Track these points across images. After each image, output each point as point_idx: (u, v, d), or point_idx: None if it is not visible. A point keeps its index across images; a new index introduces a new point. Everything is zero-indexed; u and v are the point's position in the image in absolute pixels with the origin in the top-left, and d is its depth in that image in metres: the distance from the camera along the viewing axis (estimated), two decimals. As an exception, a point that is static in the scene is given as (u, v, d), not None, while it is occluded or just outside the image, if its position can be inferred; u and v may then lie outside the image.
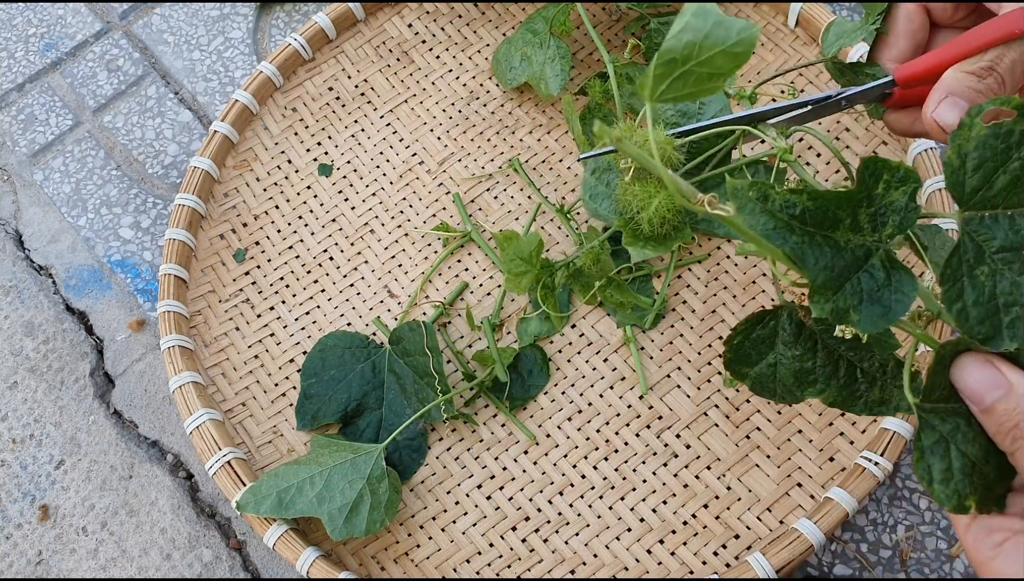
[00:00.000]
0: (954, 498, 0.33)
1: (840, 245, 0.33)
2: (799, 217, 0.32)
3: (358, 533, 0.52)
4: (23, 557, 0.62)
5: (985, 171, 0.33)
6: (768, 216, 0.32)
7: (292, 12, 0.80)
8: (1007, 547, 0.33)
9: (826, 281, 0.32)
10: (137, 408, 0.66)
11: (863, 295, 0.32)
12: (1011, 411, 0.32)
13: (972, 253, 0.33)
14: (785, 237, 0.32)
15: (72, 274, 0.71)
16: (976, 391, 0.33)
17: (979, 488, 0.34)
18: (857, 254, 0.33)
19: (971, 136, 0.32)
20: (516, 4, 0.73)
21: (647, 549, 0.55)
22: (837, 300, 0.32)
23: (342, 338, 0.61)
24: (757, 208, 0.32)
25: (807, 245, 0.32)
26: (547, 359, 0.60)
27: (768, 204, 0.32)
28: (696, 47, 0.31)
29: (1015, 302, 0.32)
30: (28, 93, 0.79)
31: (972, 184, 0.33)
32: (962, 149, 0.33)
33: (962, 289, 0.33)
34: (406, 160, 0.69)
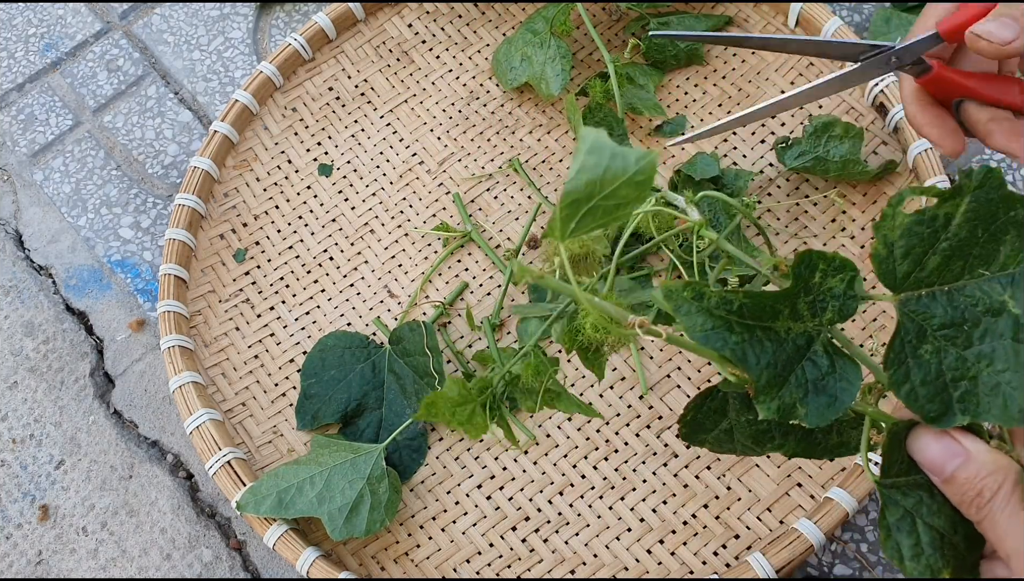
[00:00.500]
0: (927, 573, 0.33)
1: (781, 336, 0.32)
2: (737, 312, 0.32)
3: (358, 533, 0.52)
4: (23, 557, 0.62)
5: (914, 256, 0.33)
6: (705, 315, 0.31)
7: (292, 12, 0.80)
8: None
9: (770, 379, 0.32)
10: (137, 408, 0.66)
11: (808, 386, 0.32)
12: (972, 479, 0.32)
13: (913, 333, 0.33)
14: (725, 338, 0.31)
15: (72, 274, 0.71)
16: (935, 462, 0.33)
17: (951, 559, 0.33)
18: (799, 343, 0.33)
19: (895, 225, 0.32)
20: (516, 4, 0.73)
21: (647, 549, 0.55)
22: (783, 396, 0.32)
23: (342, 338, 0.61)
24: (693, 308, 0.31)
25: (747, 343, 0.32)
26: (547, 359, 0.60)
27: (704, 302, 0.32)
28: (597, 184, 0.30)
29: (963, 376, 0.32)
30: (28, 93, 0.79)
31: (903, 270, 0.33)
32: (887, 238, 0.33)
33: (908, 370, 0.32)
34: (406, 160, 0.69)
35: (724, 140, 0.67)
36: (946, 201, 0.32)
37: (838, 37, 0.61)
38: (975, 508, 0.32)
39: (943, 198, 0.32)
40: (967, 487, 0.32)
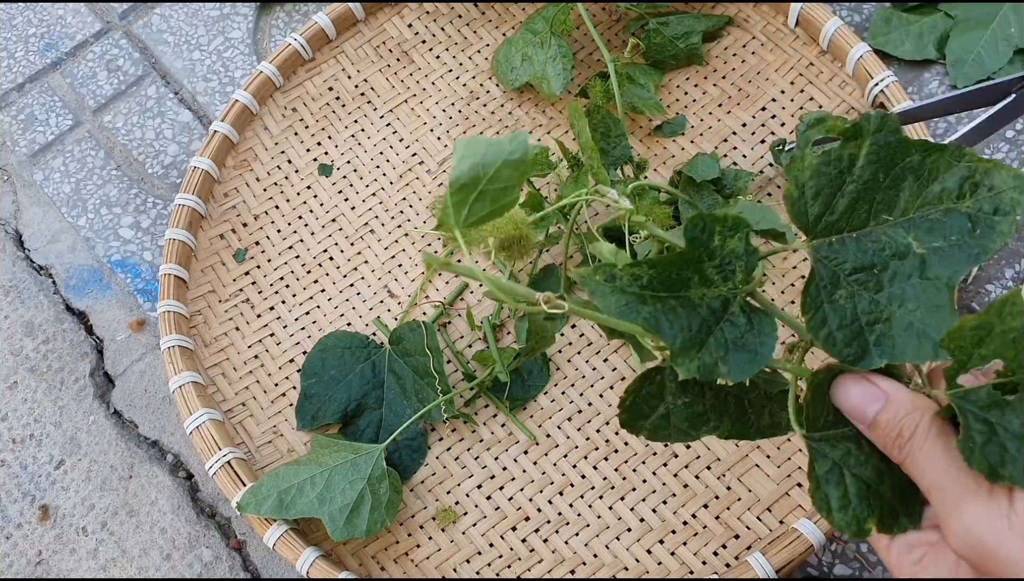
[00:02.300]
0: (853, 524, 0.34)
1: (695, 302, 0.33)
2: (649, 286, 0.32)
3: (359, 534, 0.52)
4: (23, 557, 0.62)
5: (824, 198, 0.33)
6: (619, 294, 0.32)
7: (292, 12, 0.80)
8: (926, 561, 0.33)
9: (685, 342, 0.32)
10: (137, 408, 0.66)
11: (728, 345, 0.33)
12: (892, 420, 0.32)
13: (827, 279, 0.34)
14: (638, 310, 0.32)
15: (72, 274, 0.71)
16: (856, 407, 0.33)
17: (876, 509, 0.34)
18: (714, 306, 0.33)
19: (804, 166, 0.33)
20: (516, 4, 0.73)
21: (647, 549, 0.55)
22: (703, 356, 0.32)
23: (342, 338, 0.61)
24: (607, 289, 0.32)
25: (660, 312, 0.32)
26: (547, 359, 0.60)
27: (616, 282, 0.32)
28: (479, 168, 0.33)
29: (877, 319, 0.33)
30: (28, 93, 0.79)
31: (814, 212, 0.34)
32: (798, 180, 0.33)
33: (824, 315, 0.33)
34: (406, 160, 0.69)
35: (724, 140, 0.67)
36: (849, 141, 0.33)
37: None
38: (897, 448, 0.33)
39: (846, 138, 0.33)
40: (888, 429, 0.33)
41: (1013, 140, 0.67)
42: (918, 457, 0.32)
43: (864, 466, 0.34)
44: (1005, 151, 0.67)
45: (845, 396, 0.34)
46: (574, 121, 0.59)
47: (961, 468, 0.31)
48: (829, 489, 0.34)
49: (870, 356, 0.33)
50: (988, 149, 0.67)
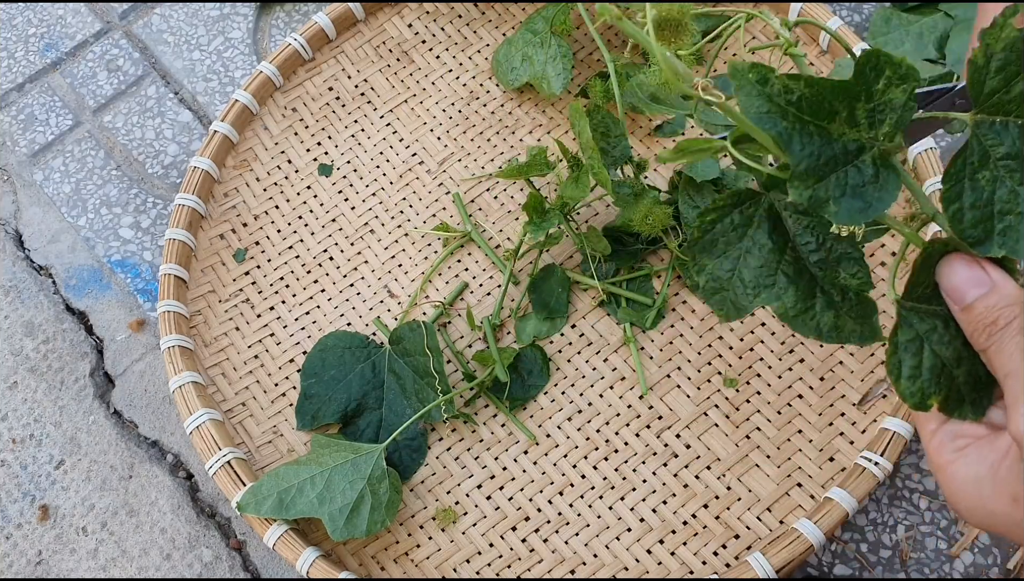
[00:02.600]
0: (918, 395, 0.34)
1: (832, 137, 0.33)
2: (795, 104, 0.32)
3: (359, 534, 0.52)
4: (23, 557, 0.62)
5: (1007, 74, 0.33)
6: (765, 99, 0.32)
7: (292, 12, 0.80)
8: (969, 451, 0.34)
9: (809, 168, 0.32)
10: (137, 408, 0.66)
11: (847, 188, 0.33)
12: (991, 308, 0.33)
13: (977, 156, 0.33)
14: (776, 122, 0.32)
15: (72, 274, 0.71)
16: (959, 288, 0.33)
17: (944, 389, 0.34)
18: (849, 148, 0.33)
19: (1000, 36, 0.32)
20: (516, 4, 0.73)
21: (647, 549, 0.55)
22: (818, 189, 0.32)
23: (342, 338, 0.61)
24: (755, 90, 0.32)
25: (796, 131, 0.32)
26: (547, 359, 0.60)
27: (767, 87, 0.32)
28: None
29: (1011, 210, 0.33)
30: (28, 93, 0.79)
31: (991, 85, 0.33)
32: (989, 48, 0.32)
33: (962, 190, 0.33)
34: (406, 160, 0.69)
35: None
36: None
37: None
38: (986, 335, 0.33)
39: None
40: (984, 315, 0.32)
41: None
42: (1005, 346, 0.32)
43: (946, 346, 0.34)
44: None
45: (952, 273, 0.34)
46: (575, 121, 0.59)
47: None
48: (905, 356, 0.34)
49: (991, 243, 0.33)
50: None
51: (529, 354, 0.60)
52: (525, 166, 0.63)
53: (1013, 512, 0.32)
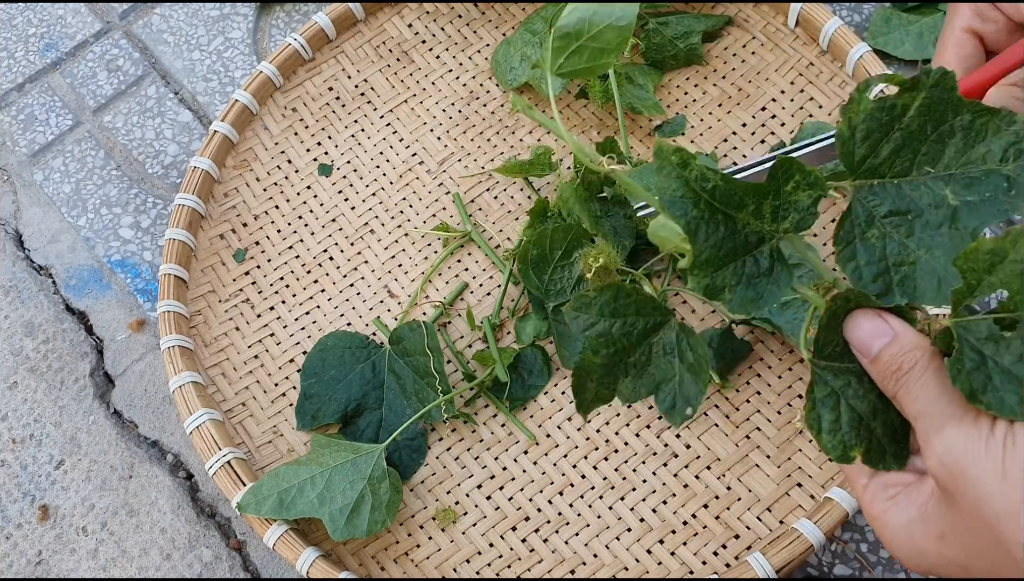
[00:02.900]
0: (839, 448, 0.35)
1: (737, 226, 0.35)
2: (709, 191, 0.34)
3: (359, 534, 0.52)
4: (23, 557, 0.62)
5: (872, 141, 0.35)
6: (681, 183, 0.34)
7: (292, 12, 0.80)
8: (899, 498, 0.35)
9: (710, 258, 0.34)
10: (137, 408, 0.66)
11: (742, 277, 0.35)
12: (895, 355, 0.34)
13: (863, 218, 0.36)
14: (687, 209, 0.34)
15: (72, 274, 0.71)
16: (864, 341, 0.35)
17: (864, 441, 0.36)
18: (750, 239, 0.35)
19: (860, 109, 0.35)
20: (516, 4, 0.74)
21: (647, 549, 0.55)
22: (716, 278, 0.35)
23: (342, 338, 0.61)
24: (674, 173, 0.34)
25: (704, 221, 0.34)
26: (547, 359, 0.60)
27: (686, 171, 0.34)
28: (586, 23, 0.36)
29: (903, 262, 0.35)
30: (28, 93, 0.79)
31: (860, 153, 0.35)
32: (852, 121, 0.35)
33: (855, 250, 0.36)
34: (406, 160, 0.69)
35: (724, 140, 0.67)
36: (905, 92, 0.35)
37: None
38: (893, 381, 0.34)
39: (903, 89, 0.35)
40: (889, 363, 0.34)
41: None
42: (912, 387, 0.33)
43: (861, 400, 0.36)
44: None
45: (856, 327, 0.35)
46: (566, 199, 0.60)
47: (951, 397, 0.32)
48: (823, 412, 0.36)
49: (892, 294, 0.35)
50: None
51: (529, 354, 0.60)
52: (527, 164, 0.63)
53: (941, 549, 0.33)
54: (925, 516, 0.33)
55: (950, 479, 0.31)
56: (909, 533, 0.34)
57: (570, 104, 0.69)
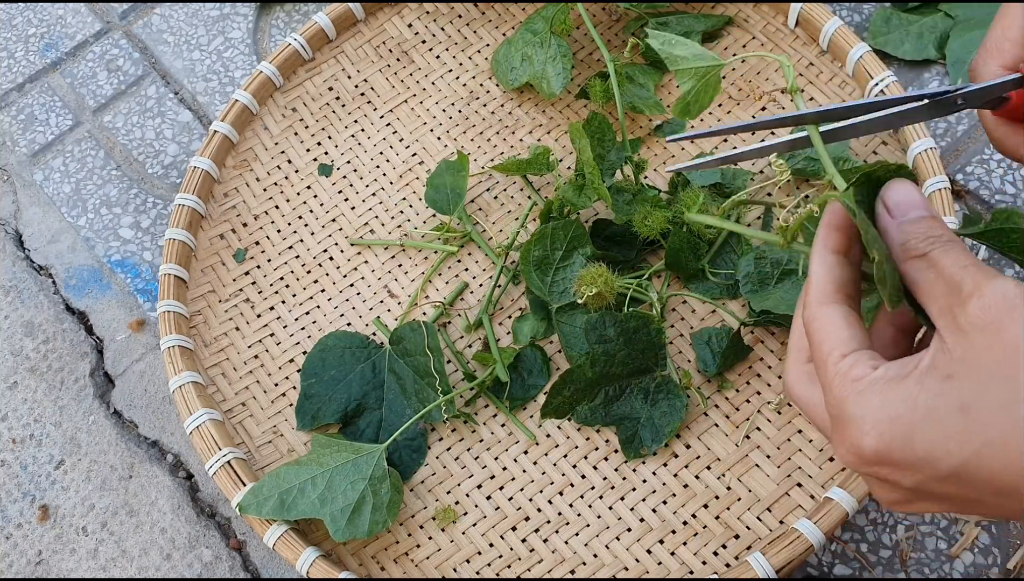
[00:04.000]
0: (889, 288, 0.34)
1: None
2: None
3: (360, 534, 0.52)
4: (23, 557, 0.62)
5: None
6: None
7: (292, 12, 0.80)
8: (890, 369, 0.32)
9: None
10: (137, 408, 0.66)
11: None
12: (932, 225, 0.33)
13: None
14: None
15: (72, 274, 0.71)
16: (905, 202, 0.34)
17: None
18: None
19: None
20: (516, 4, 0.73)
21: (647, 549, 0.55)
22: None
23: (342, 338, 0.61)
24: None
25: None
26: (547, 359, 0.60)
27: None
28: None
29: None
30: (28, 93, 0.79)
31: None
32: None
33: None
34: (406, 160, 0.69)
35: (724, 140, 0.67)
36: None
37: (891, 94, 0.55)
38: (929, 241, 0.33)
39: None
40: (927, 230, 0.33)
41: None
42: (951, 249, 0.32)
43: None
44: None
45: (900, 190, 0.34)
46: (575, 139, 0.60)
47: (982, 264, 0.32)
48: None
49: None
50: (988, 149, 0.67)
51: (529, 354, 0.60)
52: (525, 163, 0.63)
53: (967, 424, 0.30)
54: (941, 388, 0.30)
55: (997, 322, 0.29)
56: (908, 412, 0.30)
57: (570, 104, 0.69)
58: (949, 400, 0.30)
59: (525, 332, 0.61)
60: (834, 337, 0.34)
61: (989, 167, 0.67)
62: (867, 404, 0.31)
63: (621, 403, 0.57)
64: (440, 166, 0.66)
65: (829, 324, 0.34)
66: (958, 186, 0.66)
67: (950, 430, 0.29)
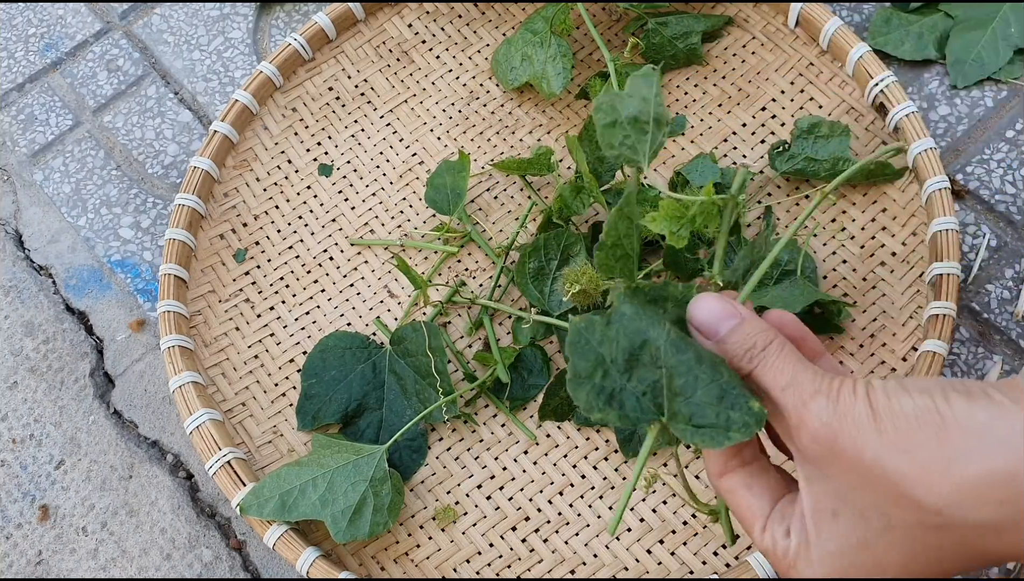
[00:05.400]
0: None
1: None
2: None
3: (362, 536, 0.52)
4: (23, 557, 0.62)
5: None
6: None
7: (292, 12, 0.80)
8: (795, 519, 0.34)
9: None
10: (137, 408, 0.66)
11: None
12: (748, 335, 0.34)
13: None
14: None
15: (72, 274, 0.71)
16: (711, 322, 0.35)
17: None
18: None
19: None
20: (516, 4, 0.73)
21: (647, 549, 0.55)
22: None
23: (342, 338, 0.61)
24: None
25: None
26: (547, 359, 0.60)
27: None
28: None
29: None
30: (28, 93, 0.79)
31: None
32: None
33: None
34: (406, 160, 0.69)
35: (724, 140, 0.67)
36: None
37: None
38: (748, 358, 0.34)
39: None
40: (742, 341, 0.34)
41: (1013, 140, 0.67)
42: (771, 363, 0.33)
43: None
44: (1005, 151, 0.67)
45: (701, 309, 0.35)
46: (572, 149, 0.60)
47: (813, 369, 0.33)
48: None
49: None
50: (988, 149, 0.67)
51: (529, 354, 0.60)
52: (526, 162, 0.63)
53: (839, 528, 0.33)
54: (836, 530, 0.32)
55: (831, 438, 0.31)
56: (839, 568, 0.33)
57: (570, 104, 0.69)
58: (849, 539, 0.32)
59: (525, 332, 0.61)
60: (745, 509, 0.36)
61: (989, 167, 0.67)
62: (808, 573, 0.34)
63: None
64: (440, 166, 0.66)
65: (734, 498, 0.36)
66: (958, 186, 0.66)
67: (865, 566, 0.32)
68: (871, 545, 0.32)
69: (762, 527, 0.35)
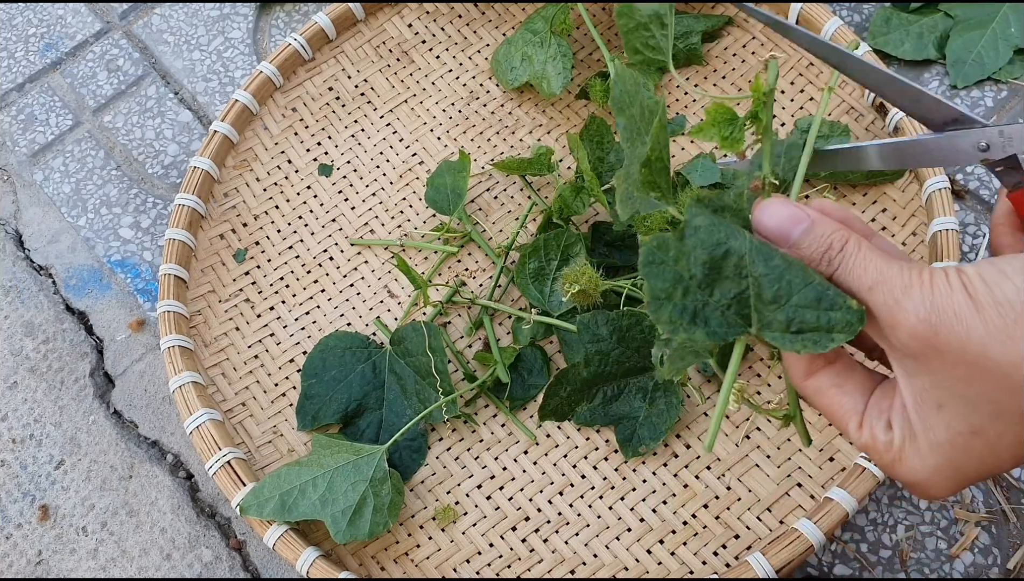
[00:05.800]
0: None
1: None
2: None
3: (362, 536, 0.52)
4: (23, 557, 0.62)
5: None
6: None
7: (292, 12, 0.80)
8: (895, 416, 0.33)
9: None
10: (137, 408, 0.66)
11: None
12: (821, 236, 0.33)
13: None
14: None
15: (72, 274, 0.71)
16: (781, 227, 0.34)
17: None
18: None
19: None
20: (516, 4, 0.73)
21: (647, 549, 0.55)
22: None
23: (342, 338, 0.61)
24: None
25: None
26: (547, 359, 0.60)
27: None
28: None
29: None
30: (28, 93, 0.79)
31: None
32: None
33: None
34: (406, 160, 0.69)
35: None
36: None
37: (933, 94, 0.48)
38: (827, 260, 0.33)
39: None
40: (817, 243, 0.33)
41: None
42: (854, 262, 0.32)
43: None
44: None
45: (772, 215, 0.34)
46: (574, 148, 0.60)
47: (899, 262, 0.32)
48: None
49: None
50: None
51: (529, 354, 0.60)
52: (527, 162, 0.63)
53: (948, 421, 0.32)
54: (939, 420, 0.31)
55: (931, 334, 0.30)
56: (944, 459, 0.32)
57: (570, 104, 0.69)
58: (958, 428, 0.31)
59: (525, 332, 0.61)
60: (837, 407, 0.35)
61: (989, 167, 0.67)
62: (912, 469, 0.33)
63: (620, 403, 0.57)
64: (440, 166, 0.66)
65: (824, 398, 0.35)
66: (958, 186, 0.66)
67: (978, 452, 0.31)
68: (982, 432, 0.31)
69: (858, 424, 0.34)
